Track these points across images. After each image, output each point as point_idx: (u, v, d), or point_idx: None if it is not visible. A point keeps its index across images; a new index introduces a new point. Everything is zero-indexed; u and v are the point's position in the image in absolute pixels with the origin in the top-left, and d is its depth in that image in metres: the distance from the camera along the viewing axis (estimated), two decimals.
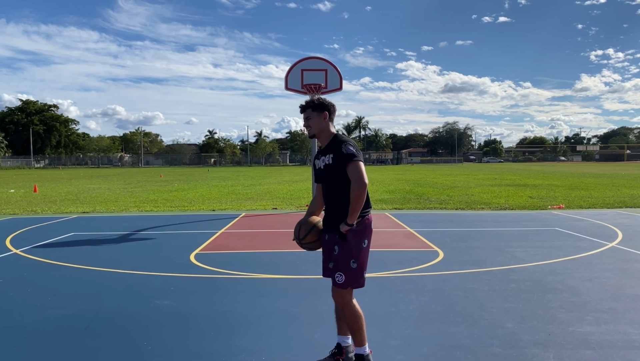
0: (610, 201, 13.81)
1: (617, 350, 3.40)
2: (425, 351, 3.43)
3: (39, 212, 12.55)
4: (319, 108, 3.16)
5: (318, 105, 3.16)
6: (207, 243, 7.64)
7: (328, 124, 3.18)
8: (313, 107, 3.16)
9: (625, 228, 8.80)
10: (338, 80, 12.35)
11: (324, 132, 3.17)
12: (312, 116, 3.16)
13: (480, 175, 31.55)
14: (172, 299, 4.69)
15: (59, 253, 6.92)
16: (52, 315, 4.27)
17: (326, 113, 3.17)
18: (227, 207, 13.29)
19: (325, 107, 3.17)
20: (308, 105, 3.17)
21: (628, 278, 5.32)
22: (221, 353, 3.43)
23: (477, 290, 4.91)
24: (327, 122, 3.17)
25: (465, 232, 8.76)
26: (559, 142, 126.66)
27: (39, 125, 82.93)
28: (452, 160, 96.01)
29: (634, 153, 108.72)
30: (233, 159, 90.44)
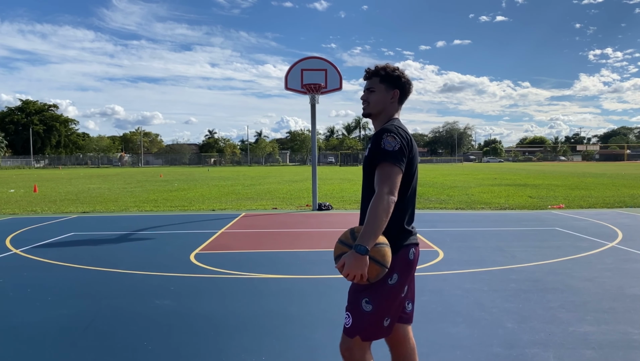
0: (610, 201, 13.81)
1: (617, 350, 3.40)
2: (425, 351, 3.43)
3: (39, 212, 12.55)
4: (389, 80, 2.33)
5: (389, 77, 2.33)
6: (207, 243, 7.64)
7: (394, 106, 2.36)
8: (382, 78, 2.33)
9: (625, 228, 8.80)
10: (338, 80, 12.35)
11: (383, 114, 2.35)
12: (378, 89, 2.33)
13: (480, 175, 31.55)
14: (172, 299, 4.69)
15: (59, 253, 6.92)
16: (52, 315, 4.27)
17: (397, 91, 2.34)
18: (227, 207, 13.29)
19: (399, 82, 2.35)
20: (377, 73, 2.35)
21: (628, 278, 5.32)
22: (221, 353, 3.43)
23: (477, 290, 4.91)
24: (395, 104, 2.36)
25: (465, 231, 8.76)
26: (559, 141, 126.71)
27: (39, 125, 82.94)
28: (452, 160, 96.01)
29: (634, 153, 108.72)
30: (233, 159, 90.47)
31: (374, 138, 2.22)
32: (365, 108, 2.37)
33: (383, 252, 2.08)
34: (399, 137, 2.17)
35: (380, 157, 2.14)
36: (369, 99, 2.34)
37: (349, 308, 2.23)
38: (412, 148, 2.24)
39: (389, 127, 2.22)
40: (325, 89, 12.30)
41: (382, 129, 2.21)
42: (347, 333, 2.21)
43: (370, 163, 2.21)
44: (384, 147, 2.14)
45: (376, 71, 2.35)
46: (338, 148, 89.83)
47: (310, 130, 13.47)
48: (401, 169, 2.14)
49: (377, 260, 2.06)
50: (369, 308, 2.17)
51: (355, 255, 2.02)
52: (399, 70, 2.37)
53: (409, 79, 2.38)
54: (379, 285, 2.16)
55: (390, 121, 2.30)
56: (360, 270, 2.02)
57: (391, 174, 2.10)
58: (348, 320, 2.21)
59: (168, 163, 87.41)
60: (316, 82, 12.15)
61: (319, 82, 12.16)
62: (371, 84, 2.35)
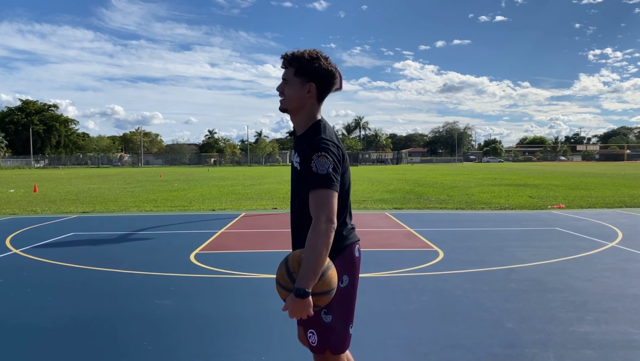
0: (610, 201, 13.81)
1: (617, 350, 3.40)
2: (425, 351, 3.43)
3: (39, 211, 12.55)
4: (304, 72, 2.01)
5: (305, 67, 2.01)
6: (207, 243, 7.64)
7: (312, 103, 2.06)
8: (298, 68, 2.01)
9: (625, 228, 8.80)
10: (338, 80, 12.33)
11: (302, 111, 2.07)
12: (292, 82, 2.04)
13: (480, 175, 31.55)
14: (172, 299, 4.69)
15: (59, 253, 6.92)
16: (52, 315, 4.27)
17: (312, 85, 2.03)
18: (227, 207, 13.29)
19: (317, 74, 2.01)
20: (291, 62, 2.03)
21: (628, 278, 5.32)
22: (221, 353, 3.43)
23: (477, 290, 4.91)
24: (313, 100, 2.06)
25: (465, 231, 8.76)
26: (559, 141, 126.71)
27: (39, 125, 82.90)
28: (452, 160, 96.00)
29: (634, 153, 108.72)
30: (233, 159, 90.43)
31: (305, 154, 1.97)
32: (281, 102, 2.08)
33: (328, 280, 1.93)
34: (331, 155, 1.95)
35: (313, 181, 1.93)
36: (285, 92, 2.06)
37: (310, 326, 2.07)
38: (344, 156, 2.05)
39: (320, 142, 1.97)
40: None
41: (314, 145, 1.96)
42: (316, 351, 2.10)
43: (302, 180, 2.01)
44: (317, 170, 1.92)
45: (290, 60, 2.02)
46: None
47: None
48: (336, 190, 1.95)
49: (324, 292, 1.93)
50: (329, 319, 2.06)
51: (296, 300, 1.86)
52: (320, 59, 2.01)
53: (331, 70, 2.04)
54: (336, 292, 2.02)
55: (317, 128, 2.04)
56: (306, 312, 1.88)
57: (326, 199, 1.91)
58: (313, 338, 2.07)
59: (168, 163, 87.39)
60: None
61: None
62: (286, 74, 2.05)
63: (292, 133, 2.17)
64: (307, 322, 2.06)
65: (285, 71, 2.06)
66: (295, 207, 2.15)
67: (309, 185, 1.95)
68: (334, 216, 1.92)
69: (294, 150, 2.11)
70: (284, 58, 2.06)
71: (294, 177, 2.12)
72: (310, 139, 2.00)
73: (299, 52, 2.03)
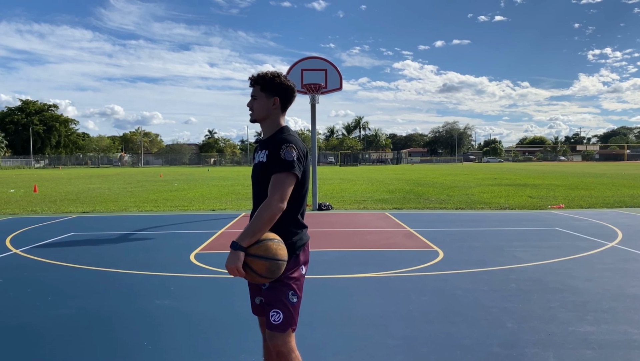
0: (610, 201, 13.81)
1: (617, 350, 3.40)
2: (425, 351, 3.43)
3: (39, 211, 12.55)
4: (269, 89, 2.41)
5: (269, 84, 2.41)
6: (207, 243, 7.64)
7: (277, 112, 2.45)
8: (262, 86, 2.41)
9: (625, 228, 8.80)
10: (338, 80, 12.35)
11: (268, 120, 2.45)
12: (259, 97, 2.43)
13: (480, 175, 31.56)
14: (172, 299, 4.69)
15: (59, 253, 6.92)
16: (52, 315, 4.27)
17: (277, 99, 2.42)
18: (227, 207, 13.29)
19: (278, 90, 2.42)
20: (257, 81, 2.43)
21: (628, 278, 5.32)
22: (221, 352, 3.43)
23: (477, 290, 4.91)
24: (277, 110, 2.45)
25: (465, 231, 8.76)
26: (558, 141, 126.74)
27: (39, 125, 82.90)
28: (452, 160, 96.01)
29: (634, 153, 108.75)
30: (233, 159, 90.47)
31: (274, 147, 2.32)
32: (250, 115, 2.48)
33: (265, 247, 2.20)
34: (296, 148, 2.32)
35: (278, 165, 2.27)
36: (253, 106, 2.45)
37: (275, 305, 2.31)
38: (306, 156, 2.40)
39: (289, 136, 2.36)
40: (325, 89, 12.30)
41: (282, 139, 2.33)
42: (281, 329, 2.31)
43: (267, 170, 2.31)
44: (285, 157, 2.27)
45: (256, 79, 2.43)
46: (338, 148, 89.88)
47: (310, 130, 13.47)
48: (297, 175, 2.29)
49: (260, 256, 2.18)
50: (295, 300, 2.35)
51: (231, 251, 2.19)
52: (280, 77, 2.43)
53: (290, 85, 2.45)
54: (300, 277, 2.39)
55: (282, 130, 2.42)
56: (234, 264, 2.16)
57: (285, 183, 2.25)
58: (278, 316, 2.30)
59: (168, 163, 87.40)
60: (316, 82, 12.15)
61: (319, 82, 12.16)
62: (253, 92, 2.46)
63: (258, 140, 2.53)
64: (273, 303, 2.32)
65: (252, 89, 2.45)
66: (256, 199, 2.41)
67: (273, 171, 2.28)
68: (286, 199, 2.25)
69: (260, 149, 2.43)
70: (250, 79, 2.45)
71: (259, 172, 2.38)
72: (278, 137, 2.37)
73: (263, 72, 2.44)
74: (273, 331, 2.32)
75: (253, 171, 2.45)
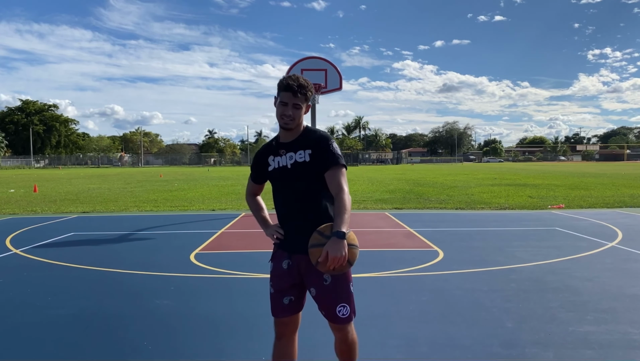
0: (610, 201, 13.81)
1: (617, 350, 3.40)
2: (425, 351, 3.43)
3: (39, 211, 12.55)
4: (307, 98, 2.46)
5: (309, 94, 2.45)
6: (207, 243, 7.64)
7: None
8: (306, 97, 2.44)
9: (625, 228, 8.80)
10: (338, 80, 12.34)
11: (300, 125, 2.50)
12: (304, 107, 2.45)
13: (480, 175, 31.55)
14: (172, 299, 4.69)
15: (59, 253, 6.92)
16: (52, 315, 4.27)
17: (309, 105, 2.52)
18: (227, 207, 13.29)
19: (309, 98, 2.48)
20: (304, 91, 2.42)
21: (628, 278, 5.32)
22: (221, 352, 3.43)
23: (477, 290, 4.91)
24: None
25: (465, 231, 8.76)
26: (558, 141, 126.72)
27: (39, 125, 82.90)
28: (452, 160, 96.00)
29: (634, 153, 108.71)
30: (233, 159, 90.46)
31: (317, 145, 2.40)
32: (289, 123, 2.42)
33: (353, 236, 2.31)
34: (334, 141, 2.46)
35: (336, 160, 2.38)
36: (295, 115, 2.41)
37: (342, 299, 2.43)
38: None
39: (325, 134, 2.46)
40: (325, 89, 12.29)
41: (325, 137, 2.43)
42: (349, 320, 2.46)
43: (313, 168, 2.38)
44: (336, 151, 2.41)
45: (306, 91, 2.42)
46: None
47: None
48: (346, 167, 2.44)
49: (352, 244, 2.27)
50: (352, 290, 2.51)
51: (337, 240, 2.21)
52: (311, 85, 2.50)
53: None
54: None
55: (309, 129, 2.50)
56: (343, 252, 2.20)
57: (344, 173, 2.41)
58: (345, 310, 2.43)
59: (168, 163, 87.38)
60: (316, 82, 12.13)
61: (319, 82, 12.14)
62: (299, 101, 2.41)
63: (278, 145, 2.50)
64: (340, 296, 2.43)
65: (297, 98, 2.40)
66: (299, 201, 2.45)
67: (330, 163, 2.37)
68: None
69: (291, 151, 2.44)
70: (298, 88, 2.39)
71: (300, 172, 2.42)
72: (316, 136, 2.44)
73: (305, 82, 2.44)
74: (342, 324, 2.46)
75: (288, 172, 2.44)
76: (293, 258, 2.48)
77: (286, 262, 2.50)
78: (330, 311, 2.44)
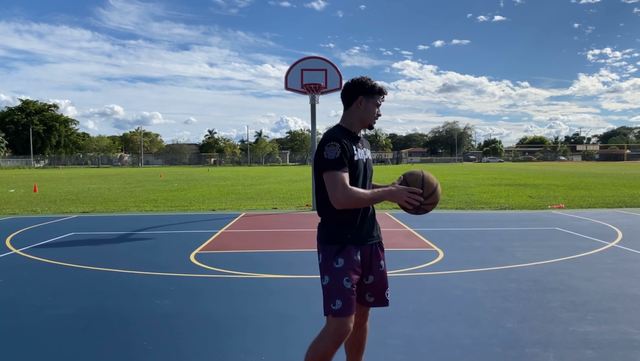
0: (610, 201, 13.81)
1: (617, 350, 3.40)
2: (425, 351, 3.43)
3: (39, 211, 12.55)
4: None
5: None
6: (207, 243, 7.64)
7: None
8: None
9: (625, 228, 8.80)
10: (338, 80, 12.35)
11: None
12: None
13: (480, 175, 31.55)
14: (172, 299, 4.69)
15: (59, 253, 6.92)
16: (52, 315, 4.27)
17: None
18: (227, 207, 13.29)
19: None
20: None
21: (628, 278, 5.32)
22: (221, 353, 3.43)
23: (477, 290, 4.91)
24: None
25: (465, 231, 8.76)
26: (558, 141, 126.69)
27: (39, 125, 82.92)
28: (452, 160, 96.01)
29: (634, 153, 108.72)
30: (233, 159, 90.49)
31: (369, 149, 2.63)
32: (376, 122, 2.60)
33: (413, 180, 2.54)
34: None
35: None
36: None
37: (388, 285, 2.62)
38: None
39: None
40: (325, 89, 12.30)
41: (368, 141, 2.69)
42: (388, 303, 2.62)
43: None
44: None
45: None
46: None
47: (310, 130, 13.47)
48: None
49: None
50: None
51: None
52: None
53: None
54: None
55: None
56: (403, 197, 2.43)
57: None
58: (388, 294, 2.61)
59: (168, 163, 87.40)
60: (316, 82, 12.15)
61: (319, 82, 12.16)
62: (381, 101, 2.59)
63: (355, 137, 2.54)
64: (387, 282, 2.63)
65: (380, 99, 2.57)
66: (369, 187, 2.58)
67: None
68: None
69: (362, 147, 2.55)
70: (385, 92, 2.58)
71: (371, 167, 2.60)
72: (366, 138, 2.71)
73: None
74: (386, 305, 2.62)
75: (367, 166, 2.53)
76: (362, 249, 2.49)
77: (358, 253, 2.46)
78: (381, 295, 2.57)
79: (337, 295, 2.39)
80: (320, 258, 2.48)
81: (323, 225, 2.50)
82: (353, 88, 2.52)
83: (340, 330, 2.39)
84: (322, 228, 2.50)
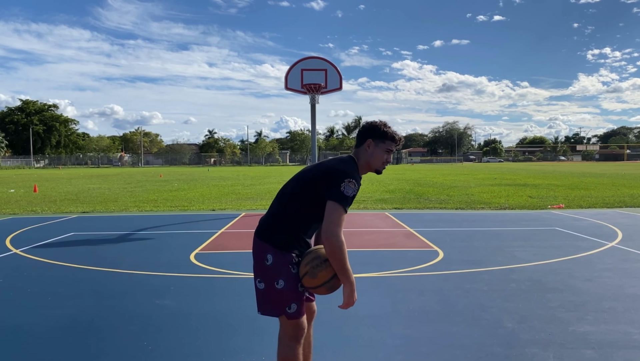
0: (610, 201, 13.81)
1: (617, 349, 3.40)
2: (425, 351, 3.43)
3: (39, 211, 12.55)
4: None
5: None
6: (207, 243, 7.64)
7: None
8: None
9: (625, 228, 8.80)
10: (338, 80, 12.35)
11: None
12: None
13: (480, 175, 31.56)
14: (172, 299, 4.69)
15: (59, 253, 6.92)
16: (52, 315, 4.27)
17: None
18: (227, 207, 13.29)
19: None
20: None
21: (628, 278, 5.33)
22: (221, 353, 3.43)
23: (477, 289, 4.91)
24: None
25: (465, 231, 8.76)
26: (558, 141, 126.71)
27: (39, 125, 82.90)
28: (452, 160, 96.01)
29: (634, 153, 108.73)
30: (233, 159, 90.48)
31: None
32: (384, 168, 2.68)
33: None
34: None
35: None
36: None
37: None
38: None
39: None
40: (325, 89, 12.29)
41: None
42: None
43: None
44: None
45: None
46: (338, 148, 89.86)
47: (310, 130, 13.47)
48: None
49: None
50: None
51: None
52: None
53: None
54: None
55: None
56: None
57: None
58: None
59: (168, 163, 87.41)
60: (316, 82, 12.14)
61: (319, 82, 12.15)
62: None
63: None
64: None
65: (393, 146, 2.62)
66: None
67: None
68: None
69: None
70: (400, 142, 2.63)
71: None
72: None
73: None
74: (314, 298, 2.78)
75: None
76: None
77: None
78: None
79: (292, 299, 2.49)
80: (269, 261, 2.46)
81: (275, 230, 2.49)
82: (364, 129, 2.60)
83: (299, 330, 2.56)
84: (274, 234, 2.49)
